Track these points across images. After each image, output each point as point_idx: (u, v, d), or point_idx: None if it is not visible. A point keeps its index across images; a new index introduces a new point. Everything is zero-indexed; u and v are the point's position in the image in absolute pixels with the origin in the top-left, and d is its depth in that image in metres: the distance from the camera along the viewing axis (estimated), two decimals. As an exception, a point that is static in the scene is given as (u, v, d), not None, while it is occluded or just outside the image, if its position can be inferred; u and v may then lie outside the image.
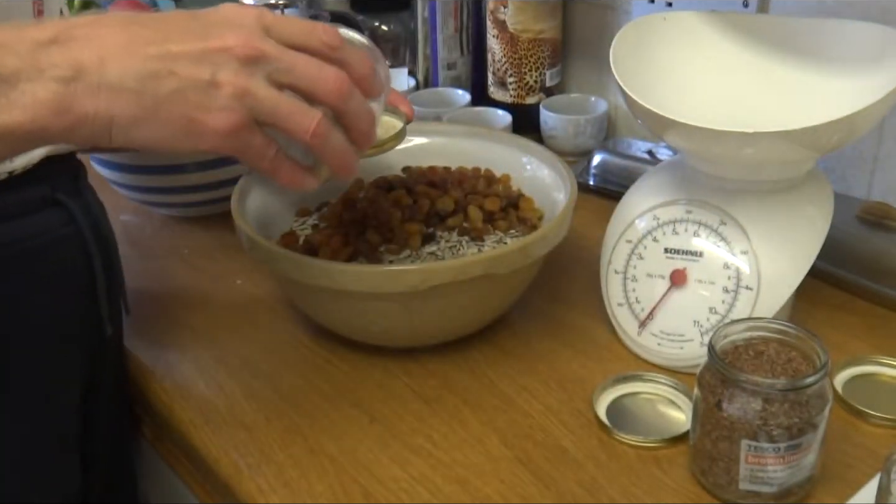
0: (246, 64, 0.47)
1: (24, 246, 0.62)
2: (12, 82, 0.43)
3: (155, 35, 0.47)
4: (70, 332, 0.67)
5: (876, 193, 0.86)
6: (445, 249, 0.73)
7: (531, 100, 1.11)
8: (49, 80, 0.44)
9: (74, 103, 0.45)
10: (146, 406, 0.74)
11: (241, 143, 0.49)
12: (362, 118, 0.53)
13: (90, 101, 0.45)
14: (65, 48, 0.45)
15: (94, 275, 0.67)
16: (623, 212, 0.74)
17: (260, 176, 0.78)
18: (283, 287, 0.78)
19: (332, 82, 0.50)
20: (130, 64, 0.45)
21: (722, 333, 0.58)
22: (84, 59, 0.45)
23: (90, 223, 0.67)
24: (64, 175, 0.66)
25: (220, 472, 0.63)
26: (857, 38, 0.71)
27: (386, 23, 1.21)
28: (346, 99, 0.51)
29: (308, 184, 0.54)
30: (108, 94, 0.45)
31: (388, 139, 0.67)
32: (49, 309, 0.65)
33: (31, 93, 0.44)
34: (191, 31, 0.47)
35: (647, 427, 0.64)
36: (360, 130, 0.53)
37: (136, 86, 0.45)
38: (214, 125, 0.47)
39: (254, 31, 0.48)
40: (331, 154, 0.52)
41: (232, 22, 0.48)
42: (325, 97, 0.50)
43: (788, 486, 0.56)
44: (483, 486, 0.60)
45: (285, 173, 0.53)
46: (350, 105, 0.51)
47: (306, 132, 0.50)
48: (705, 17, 0.77)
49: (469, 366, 0.71)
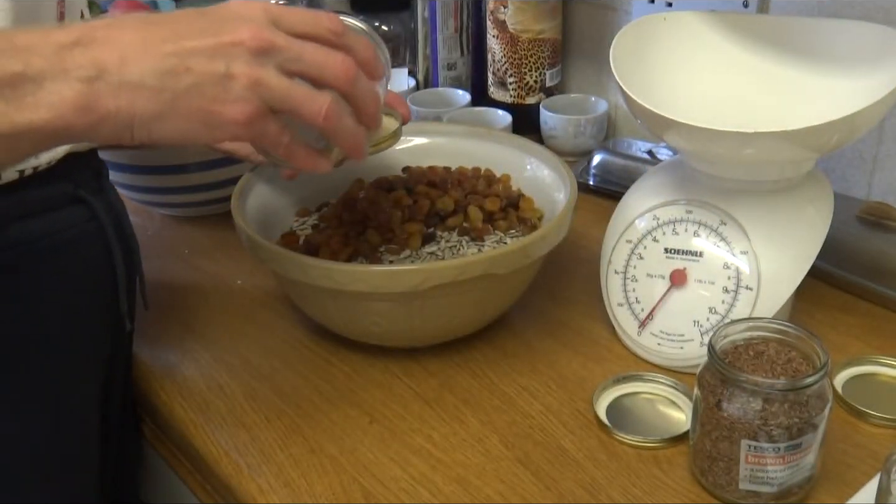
0: (258, 55, 0.49)
1: (47, 242, 0.63)
2: (39, 82, 0.45)
3: (170, 33, 0.48)
4: (91, 328, 0.68)
5: (876, 193, 0.86)
6: (445, 249, 0.73)
7: (531, 100, 1.11)
8: (73, 80, 0.46)
9: (98, 101, 0.46)
10: (146, 406, 0.74)
11: (257, 132, 0.51)
12: (369, 100, 0.55)
13: (112, 100, 0.47)
14: (87, 49, 0.47)
15: (115, 271, 0.68)
16: (623, 212, 0.74)
17: (264, 172, 0.78)
18: (283, 287, 0.78)
19: (339, 67, 0.52)
20: (149, 62, 0.47)
21: (722, 333, 0.58)
22: (105, 59, 0.47)
23: (112, 220, 0.68)
24: (86, 173, 0.67)
25: (220, 472, 0.64)
26: (857, 38, 0.71)
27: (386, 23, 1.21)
28: (354, 82, 0.53)
29: (321, 166, 0.57)
30: (129, 91, 0.47)
31: (384, 138, 0.68)
32: (71, 304, 0.66)
33: (56, 92, 0.46)
34: (203, 27, 0.49)
35: (647, 427, 0.64)
36: (368, 112, 0.56)
37: (155, 83, 0.47)
38: (232, 116, 0.49)
39: (262, 23, 0.50)
40: (343, 135, 0.54)
41: (241, 16, 0.50)
42: (334, 81, 0.52)
43: (788, 486, 0.56)
44: (483, 486, 0.60)
45: (300, 157, 0.55)
46: (357, 88, 0.53)
47: (318, 115, 0.52)
48: (705, 17, 0.77)
49: (469, 366, 0.71)
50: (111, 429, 0.72)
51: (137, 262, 0.72)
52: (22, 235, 0.61)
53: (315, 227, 0.78)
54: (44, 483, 0.65)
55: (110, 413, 0.72)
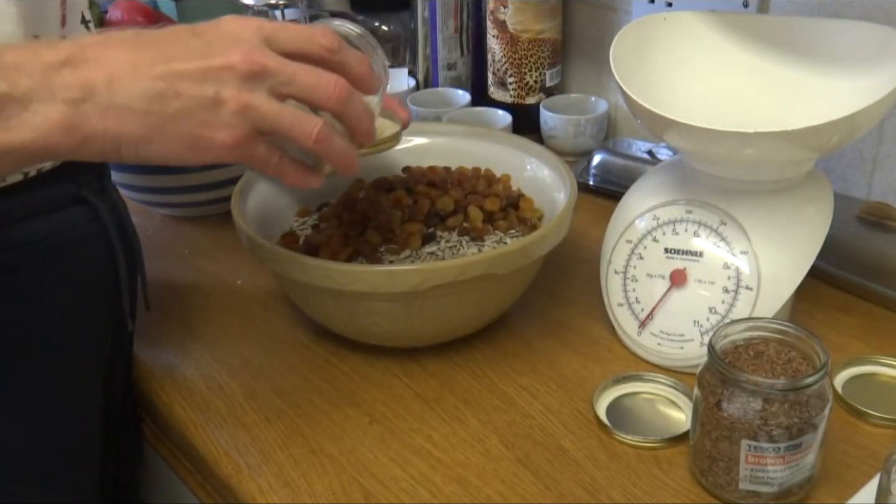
0: (248, 80, 0.49)
1: (50, 242, 0.63)
2: (24, 103, 0.45)
3: (161, 54, 0.48)
4: (92, 328, 0.68)
5: (876, 193, 0.86)
6: (445, 249, 0.73)
7: (531, 100, 1.11)
8: (60, 102, 0.46)
9: (84, 123, 0.46)
10: (146, 406, 0.74)
11: (246, 154, 0.51)
12: (362, 119, 0.55)
13: (99, 122, 0.47)
14: (76, 69, 0.46)
15: (116, 271, 0.68)
16: (623, 212, 0.74)
17: (263, 175, 0.78)
18: (283, 287, 0.78)
19: (331, 89, 0.52)
20: (138, 84, 0.47)
21: (722, 333, 0.58)
22: (94, 80, 0.46)
23: (115, 220, 0.68)
24: (89, 174, 0.67)
25: (220, 472, 0.64)
26: (857, 38, 0.71)
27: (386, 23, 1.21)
28: (345, 103, 0.53)
29: (312, 182, 0.57)
30: (116, 114, 0.47)
31: (382, 140, 0.68)
32: (73, 305, 0.66)
33: (42, 113, 0.45)
34: (194, 49, 0.49)
35: (647, 427, 0.64)
36: (361, 130, 0.56)
37: (143, 106, 0.47)
38: (220, 140, 0.49)
39: (254, 44, 0.50)
40: (334, 155, 0.54)
41: (233, 37, 0.50)
42: (326, 103, 0.53)
43: (788, 486, 0.56)
44: (483, 486, 0.60)
45: (289, 175, 0.55)
46: (349, 108, 0.54)
47: (309, 139, 0.52)
48: (705, 17, 0.77)
49: (469, 366, 0.71)
50: (111, 429, 0.72)
51: (139, 263, 0.72)
52: (25, 236, 0.61)
53: (315, 227, 0.78)
54: (44, 483, 0.65)
55: (111, 413, 0.72)
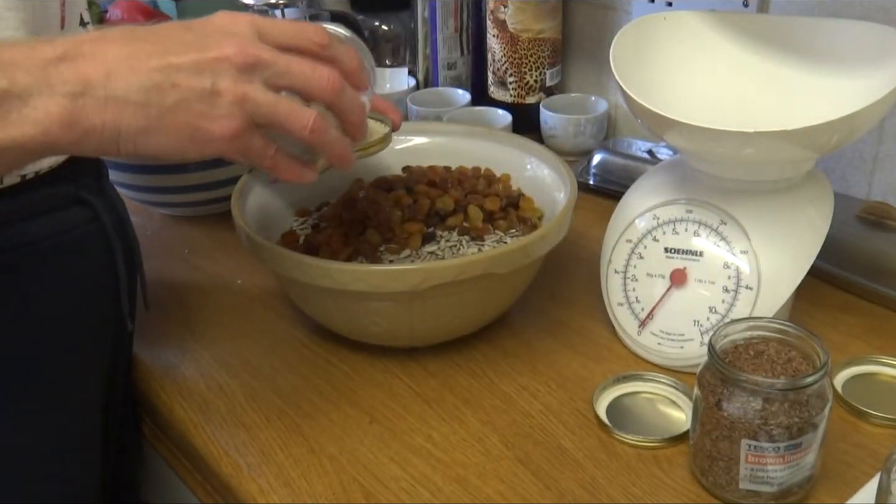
0: (244, 71, 0.50)
1: (49, 243, 0.63)
2: (24, 98, 0.45)
3: (156, 48, 0.49)
4: (92, 328, 0.68)
5: (876, 193, 0.86)
6: (445, 249, 0.73)
7: (531, 99, 1.11)
8: (59, 96, 0.46)
9: (83, 117, 0.47)
10: (146, 406, 0.74)
11: (243, 146, 0.52)
12: (355, 110, 0.56)
13: (97, 115, 0.47)
14: (73, 64, 0.47)
15: (116, 271, 0.68)
16: (623, 211, 0.74)
17: (261, 175, 0.78)
18: (283, 287, 0.78)
19: (325, 80, 0.53)
20: (135, 77, 0.48)
21: (722, 333, 0.58)
22: (91, 74, 0.47)
23: (113, 221, 0.68)
24: (88, 174, 0.68)
25: (220, 472, 0.64)
26: (857, 38, 0.71)
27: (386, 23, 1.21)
28: (339, 94, 0.54)
29: (307, 176, 0.57)
30: (114, 107, 0.47)
31: (372, 143, 0.68)
32: (73, 305, 0.66)
33: (42, 108, 0.46)
34: (188, 42, 0.49)
35: (647, 427, 0.64)
36: (353, 122, 0.57)
37: (141, 98, 0.48)
38: (218, 131, 0.50)
39: (248, 38, 0.51)
40: (329, 147, 0.55)
41: (227, 31, 0.51)
42: (320, 94, 0.53)
43: (788, 485, 0.56)
44: (483, 485, 0.60)
45: (285, 169, 0.56)
46: (343, 99, 0.54)
47: (304, 129, 0.52)
48: (705, 16, 0.77)
49: (469, 366, 0.71)
50: (111, 429, 0.72)
51: (139, 263, 0.72)
52: (24, 237, 0.61)
53: (315, 226, 0.78)
54: (44, 483, 0.65)
55: (111, 413, 0.72)
